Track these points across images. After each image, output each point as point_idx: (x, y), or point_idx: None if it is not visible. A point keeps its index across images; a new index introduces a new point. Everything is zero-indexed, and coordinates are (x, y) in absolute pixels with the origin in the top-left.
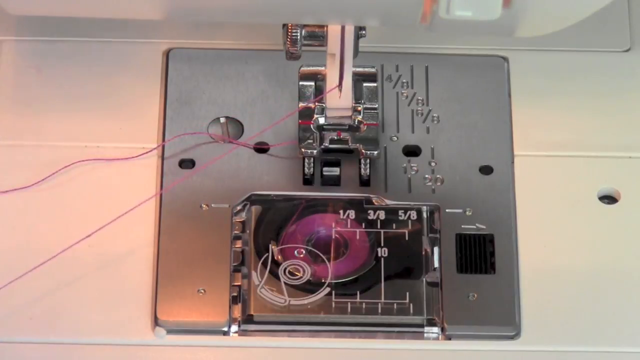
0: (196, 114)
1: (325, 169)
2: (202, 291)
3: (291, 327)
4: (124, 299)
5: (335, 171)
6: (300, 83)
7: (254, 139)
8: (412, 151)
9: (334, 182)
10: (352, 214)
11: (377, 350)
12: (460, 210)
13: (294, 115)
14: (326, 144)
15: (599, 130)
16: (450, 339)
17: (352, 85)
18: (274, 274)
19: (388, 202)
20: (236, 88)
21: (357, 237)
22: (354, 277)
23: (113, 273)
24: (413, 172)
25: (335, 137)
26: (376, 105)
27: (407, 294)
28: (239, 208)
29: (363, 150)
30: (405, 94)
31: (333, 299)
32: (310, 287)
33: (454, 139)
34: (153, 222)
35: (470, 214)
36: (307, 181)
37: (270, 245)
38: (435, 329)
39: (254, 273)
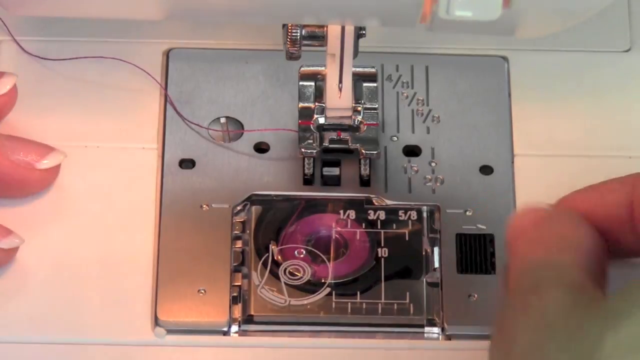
0: (196, 114)
1: (325, 169)
2: (203, 291)
3: (291, 327)
4: (124, 298)
5: (335, 171)
6: (300, 83)
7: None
8: (412, 151)
9: (334, 182)
10: (352, 214)
11: (377, 350)
12: (460, 211)
13: (294, 116)
14: (326, 144)
15: (599, 130)
16: (450, 339)
17: (352, 85)
18: (274, 274)
19: (388, 202)
20: (236, 88)
21: (357, 237)
22: (354, 277)
23: (113, 273)
24: (413, 172)
25: (335, 137)
26: (376, 105)
27: (407, 294)
28: (239, 208)
29: (363, 150)
30: (405, 94)
31: (333, 299)
32: (310, 287)
33: (454, 139)
34: (153, 222)
35: (470, 214)
36: (307, 181)
37: (270, 246)
38: (436, 329)
39: (254, 273)
